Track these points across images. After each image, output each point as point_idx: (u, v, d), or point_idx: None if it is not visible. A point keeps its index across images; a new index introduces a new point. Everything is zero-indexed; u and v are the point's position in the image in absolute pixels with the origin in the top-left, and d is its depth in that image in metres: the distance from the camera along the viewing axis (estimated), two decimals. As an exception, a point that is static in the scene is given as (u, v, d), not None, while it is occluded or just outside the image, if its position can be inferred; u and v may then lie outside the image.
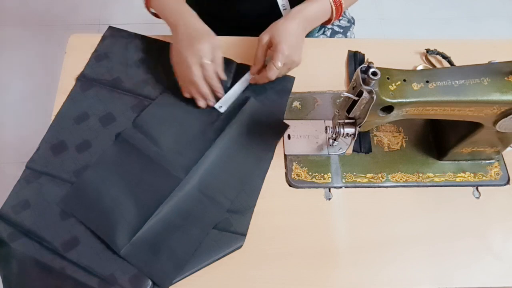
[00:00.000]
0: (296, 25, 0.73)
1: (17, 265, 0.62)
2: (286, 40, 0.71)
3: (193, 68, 0.71)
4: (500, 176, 0.73)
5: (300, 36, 0.74)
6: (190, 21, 0.74)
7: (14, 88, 1.62)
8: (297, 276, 0.64)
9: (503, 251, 0.67)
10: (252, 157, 0.72)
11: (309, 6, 0.75)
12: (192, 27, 0.73)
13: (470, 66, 0.61)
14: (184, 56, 0.71)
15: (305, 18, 0.74)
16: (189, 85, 0.73)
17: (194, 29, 0.73)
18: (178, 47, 0.72)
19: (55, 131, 0.72)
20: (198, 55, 0.70)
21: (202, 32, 0.73)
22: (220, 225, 0.66)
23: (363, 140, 0.74)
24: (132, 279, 0.62)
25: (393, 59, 0.71)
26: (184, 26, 0.73)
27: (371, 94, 0.56)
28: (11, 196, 0.67)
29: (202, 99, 0.74)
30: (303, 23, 0.74)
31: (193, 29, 0.73)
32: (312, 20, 0.76)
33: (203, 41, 0.71)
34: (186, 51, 0.71)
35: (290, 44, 0.71)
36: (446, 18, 1.90)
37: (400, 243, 0.67)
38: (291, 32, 0.72)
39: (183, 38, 0.72)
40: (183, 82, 0.74)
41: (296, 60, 0.74)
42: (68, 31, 0.85)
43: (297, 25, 0.73)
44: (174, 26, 0.74)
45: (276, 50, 0.71)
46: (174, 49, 0.74)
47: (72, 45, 0.82)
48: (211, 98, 0.74)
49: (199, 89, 0.72)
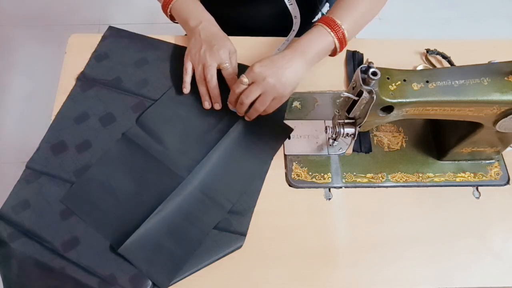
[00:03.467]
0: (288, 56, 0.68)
1: (17, 265, 0.62)
2: (263, 61, 0.68)
3: (210, 68, 0.73)
4: (500, 176, 0.73)
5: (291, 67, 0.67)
6: (208, 26, 0.76)
7: (14, 88, 1.62)
8: (297, 276, 0.64)
9: (503, 251, 0.67)
10: (255, 159, 0.72)
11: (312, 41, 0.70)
12: (211, 31, 0.76)
13: (470, 66, 0.61)
14: (202, 57, 0.73)
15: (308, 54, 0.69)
16: (200, 85, 0.75)
17: (212, 33, 0.75)
18: (197, 49, 0.74)
19: (55, 131, 0.73)
20: (217, 58, 0.73)
21: (221, 37, 0.76)
22: (220, 225, 0.66)
23: (363, 140, 0.74)
24: (132, 279, 0.62)
25: (393, 59, 0.71)
26: (203, 30, 0.75)
27: (371, 94, 0.56)
28: (11, 196, 0.67)
29: (209, 100, 0.75)
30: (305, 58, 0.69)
31: (211, 34, 0.75)
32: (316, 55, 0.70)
33: (222, 45, 0.74)
34: (205, 53, 0.73)
35: (264, 64, 0.67)
36: (446, 18, 1.90)
37: (400, 243, 0.67)
38: (276, 60, 0.68)
39: (202, 41, 0.74)
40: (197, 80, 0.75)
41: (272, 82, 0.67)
42: (68, 31, 0.85)
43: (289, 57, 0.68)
44: (192, 29, 0.76)
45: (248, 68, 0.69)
46: (192, 49, 0.75)
47: (72, 45, 0.82)
48: (219, 100, 0.75)
49: (211, 90, 0.74)
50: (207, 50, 0.74)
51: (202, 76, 0.74)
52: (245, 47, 0.82)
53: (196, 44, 0.75)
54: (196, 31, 0.75)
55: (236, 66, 0.76)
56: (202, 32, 0.75)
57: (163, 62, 0.80)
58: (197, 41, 0.75)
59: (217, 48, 0.73)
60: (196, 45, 0.75)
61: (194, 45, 0.75)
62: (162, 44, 0.82)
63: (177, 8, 0.78)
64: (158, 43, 0.83)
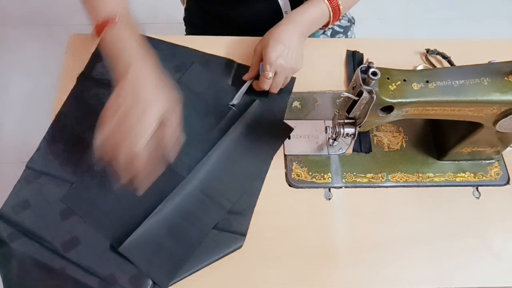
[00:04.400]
0: (290, 31, 0.72)
1: (17, 265, 0.62)
2: (275, 48, 0.70)
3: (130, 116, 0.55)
4: (500, 176, 0.73)
5: (294, 42, 0.72)
6: (140, 67, 0.59)
7: (14, 88, 1.62)
8: (297, 276, 0.64)
9: (503, 251, 0.67)
10: (255, 159, 0.72)
11: (306, 11, 0.74)
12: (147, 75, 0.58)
13: (470, 66, 0.61)
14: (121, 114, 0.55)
15: (302, 23, 0.74)
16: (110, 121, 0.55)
17: (143, 81, 0.57)
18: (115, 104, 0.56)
19: (55, 131, 0.72)
20: (139, 123, 0.55)
21: (152, 88, 0.58)
22: (220, 225, 0.66)
23: (363, 140, 0.74)
24: (132, 279, 0.62)
25: (393, 59, 0.71)
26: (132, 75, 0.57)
27: (371, 94, 0.56)
28: (11, 196, 0.67)
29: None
30: (299, 28, 0.73)
31: (142, 82, 0.57)
32: (309, 24, 0.75)
33: (148, 104, 0.55)
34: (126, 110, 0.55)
35: (279, 53, 0.71)
36: (446, 18, 1.90)
37: (400, 243, 0.67)
38: (281, 39, 0.71)
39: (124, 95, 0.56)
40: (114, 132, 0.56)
41: (290, 67, 0.73)
42: (68, 31, 0.84)
43: (291, 31, 0.72)
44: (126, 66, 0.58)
45: (264, 61, 0.71)
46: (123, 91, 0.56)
47: (72, 45, 0.82)
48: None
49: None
50: (129, 108, 0.55)
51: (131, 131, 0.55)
52: (245, 47, 0.82)
53: (116, 99, 0.56)
54: (128, 68, 0.57)
55: (173, 126, 0.59)
56: (129, 81, 0.56)
57: (162, 62, 0.80)
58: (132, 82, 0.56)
59: (142, 108, 0.55)
60: (115, 101, 0.56)
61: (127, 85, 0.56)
62: (162, 44, 0.82)
63: (107, 43, 0.60)
64: (157, 42, 0.83)
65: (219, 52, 0.82)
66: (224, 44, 0.83)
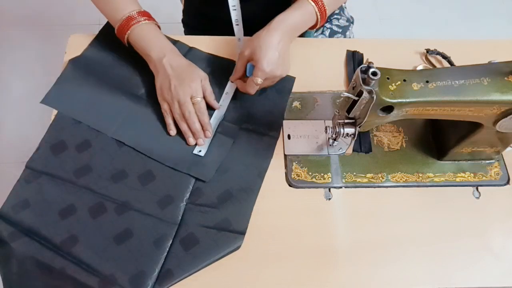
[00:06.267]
0: (279, 37, 0.70)
1: (17, 265, 0.62)
2: (267, 56, 0.69)
3: (186, 104, 0.71)
4: (500, 176, 0.73)
5: (283, 48, 0.71)
6: (173, 57, 0.73)
7: (14, 88, 1.62)
8: (297, 276, 0.64)
9: (503, 251, 0.67)
10: (252, 155, 0.72)
11: (292, 14, 0.73)
12: (177, 64, 0.73)
13: (470, 66, 0.61)
14: (175, 95, 0.71)
15: (289, 28, 0.72)
16: (181, 122, 0.72)
17: (179, 66, 0.73)
18: (167, 86, 0.72)
19: (55, 131, 0.73)
20: (190, 92, 0.71)
21: (188, 68, 0.73)
22: (219, 225, 0.66)
23: (363, 140, 0.74)
24: (132, 279, 0.62)
25: (393, 59, 0.71)
26: (169, 64, 0.72)
27: (371, 94, 0.56)
28: (11, 196, 0.67)
29: (192, 137, 0.72)
30: (286, 33, 0.72)
31: (178, 66, 0.72)
32: (296, 29, 0.74)
33: (192, 77, 0.72)
34: (176, 89, 0.71)
35: (271, 60, 0.70)
36: (446, 18, 1.90)
37: (400, 243, 0.67)
38: (273, 46, 0.70)
39: (170, 76, 0.71)
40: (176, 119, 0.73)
41: (279, 74, 0.73)
42: (68, 31, 0.85)
43: (280, 37, 0.71)
44: (157, 63, 0.73)
45: (256, 67, 0.70)
46: (163, 87, 0.73)
47: (72, 45, 0.82)
48: (202, 135, 0.72)
49: (192, 126, 0.72)
50: (178, 85, 0.71)
51: (179, 113, 0.72)
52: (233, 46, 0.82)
53: (165, 81, 0.72)
54: (161, 66, 0.72)
55: (210, 90, 0.75)
56: (168, 66, 0.72)
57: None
58: (166, 77, 0.72)
59: (188, 82, 0.71)
60: (166, 82, 0.72)
61: (163, 83, 0.72)
62: None
63: (136, 36, 0.73)
64: None
65: (219, 52, 0.82)
66: (224, 44, 0.83)
